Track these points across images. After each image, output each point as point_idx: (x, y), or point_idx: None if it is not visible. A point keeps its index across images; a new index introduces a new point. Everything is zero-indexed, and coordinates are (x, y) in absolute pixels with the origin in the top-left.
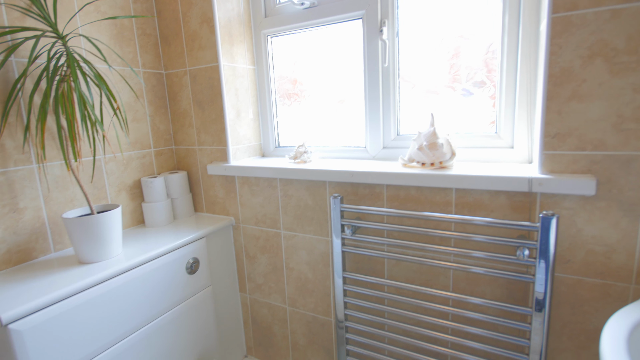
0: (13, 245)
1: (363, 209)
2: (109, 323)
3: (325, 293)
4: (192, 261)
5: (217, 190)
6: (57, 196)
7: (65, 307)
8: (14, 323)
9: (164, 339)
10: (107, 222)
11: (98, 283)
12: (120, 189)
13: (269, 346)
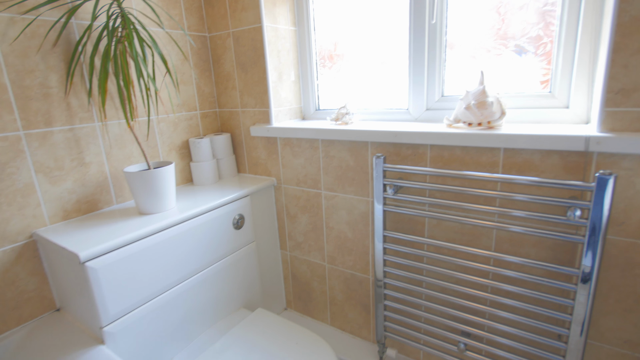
0: (82, 196)
1: (406, 169)
2: (167, 268)
3: (364, 252)
4: (237, 217)
5: (259, 152)
6: (117, 153)
7: (130, 251)
8: (89, 261)
9: (214, 286)
10: (163, 177)
11: (157, 232)
12: (171, 149)
13: (307, 301)
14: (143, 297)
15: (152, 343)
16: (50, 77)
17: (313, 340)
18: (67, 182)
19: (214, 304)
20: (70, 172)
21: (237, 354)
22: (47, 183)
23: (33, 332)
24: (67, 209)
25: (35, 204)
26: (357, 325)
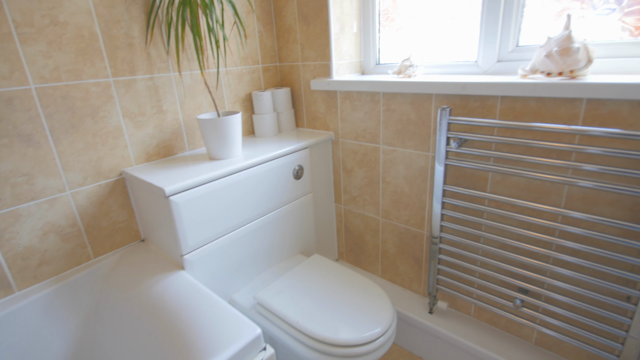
0: (160, 141)
1: (475, 121)
2: (235, 210)
3: (420, 207)
4: (297, 168)
5: (318, 106)
6: (189, 102)
7: (204, 191)
8: (173, 196)
9: (275, 231)
10: (231, 124)
11: (226, 175)
12: (235, 101)
13: (359, 253)
14: (214, 234)
15: (221, 275)
16: (133, 28)
17: (368, 285)
18: (149, 127)
19: (274, 246)
20: (151, 118)
21: (296, 290)
22: (133, 127)
23: (124, 257)
24: (149, 152)
25: (123, 146)
26: (408, 279)
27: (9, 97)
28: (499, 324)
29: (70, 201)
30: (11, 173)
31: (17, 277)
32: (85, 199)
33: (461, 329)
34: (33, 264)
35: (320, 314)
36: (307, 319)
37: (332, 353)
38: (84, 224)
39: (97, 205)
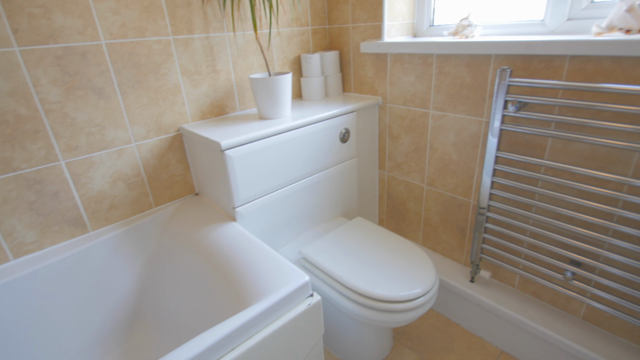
0: (214, 100)
1: (539, 83)
2: (283, 168)
3: (468, 175)
4: (344, 131)
5: (366, 70)
6: (241, 63)
7: (255, 147)
8: (228, 150)
9: (319, 192)
10: (282, 84)
11: (276, 134)
12: (284, 63)
13: (400, 220)
14: (264, 190)
15: (268, 229)
16: None
17: (411, 248)
18: (204, 86)
19: (318, 207)
20: (206, 77)
21: (339, 249)
22: (190, 85)
23: (180, 208)
24: (203, 110)
25: (181, 103)
26: (450, 247)
27: (84, 52)
28: (544, 297)
29: (135, 153)
30: (86, 123)
31: (91, 218)
32: (148, 151)
33: (503, 299)
34: (104, 207)
35: (363, 271)
36: (350, 274)
37: (372, 307)
38: (146, 174)
39: (157, 158)
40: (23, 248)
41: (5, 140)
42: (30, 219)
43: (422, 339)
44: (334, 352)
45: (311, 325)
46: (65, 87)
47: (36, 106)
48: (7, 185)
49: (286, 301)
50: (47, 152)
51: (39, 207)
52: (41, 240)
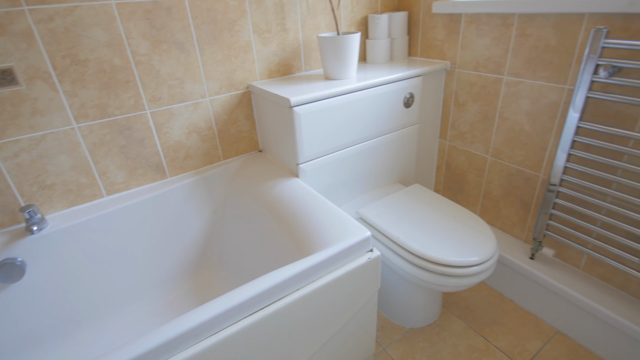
0: (281, 59)
1: None
2: (345, 128)
3: (541, 147)
4: (408, 96)
5: (436, 32)
6: (309, 22)
7: (321, 106)
8: (296, 107)
9: (379, 156)
10: (350, 43)
11: (342, 94)
12: (351, 24)
13: (457, 192)
14: (326, 149)
15: (328, 188)
16: None
17: (471, 217)
18: (273, 44)
19: (376, 171)
20: (276, 35)
21: (397, 212)
22: (260, 43)
23: (245, 163)
24: (271, 69)
25: (251, 61)
26: (510, 223)
27: (169, 6)
28: (613, 281)
29: (209, 107)
30: (168, 76)
31: (169, 166)
32: (220, 106)
33: (566, 279)
34: (180, 156)
35: (420, 234)
36: (407, 236)
37: (427, 268)
38: (217, 128)
39: (227, 113)
40: (114, 187)
41: (102, 88)
42: (120, 161)
43: (471, 309)
44: (383, 311)
45: (369, 278)
46: (153, 41)
47: (128, 57)
48: (103, 129)
49: (347, 253)
50: (135, 101)
51: (128, 151)
52: (128, 181)
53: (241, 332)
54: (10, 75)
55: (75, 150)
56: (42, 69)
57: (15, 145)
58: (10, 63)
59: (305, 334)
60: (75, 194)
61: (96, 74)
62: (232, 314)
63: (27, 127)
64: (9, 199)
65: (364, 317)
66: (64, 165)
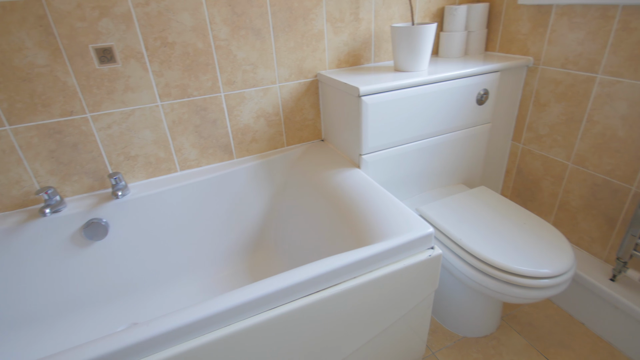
0: (351, 49)
1: None
2: (412, 122)
3: (636, 156)
4: (482, 92)
5: (520, 25)
6: (382, 12)
7: (389, 97)
8: (364, 96)
9: (444, 153)
10: (425, 34)
11: (411, 86)
12: (425, 15)
13: (528, 199)
14: (390, 142)
15: (388, 181)
16: None
17: (544, 226)
18: (344, 34)
19: (439, 169)
20: (348, 25)
21: (460, 213)
22: (332, 32)
23: (307, 150)
24: (340, 59)
25: (322, 49)
26: (589, 238)
27: None
28: None
29: (278, 93)
30: (243, 61)
31: (237, 148)
32: (288, 93)
33: None
34: (247, 139)
35: (485, 238)
36: (470, 238)
37: (491, 274)
38: (283, 115)
39: (294, 100)
40: (187, 163)
41: (185, 69)
42: (194, 139)
43: (535, 327)
44: (435, 315)
45: (427, 277)
46: (233, 27)
47: (210, 42)
48: (182, 108)
49: (408, 247)
50: (212, 84)
51: (202, 131)
52: (199, 159)
53: (294, 312)
54: (110, 54)
55: (157, 126)
56: (136, 49)
57: (109, 117)
58: (111, 42)
59: (354, 325)
60: (154, 167)
61: (181, 56)
62: (289, 292)
63: (120, 102)
64: (100, 166)
65: (417, 317)
66: (147, 139)
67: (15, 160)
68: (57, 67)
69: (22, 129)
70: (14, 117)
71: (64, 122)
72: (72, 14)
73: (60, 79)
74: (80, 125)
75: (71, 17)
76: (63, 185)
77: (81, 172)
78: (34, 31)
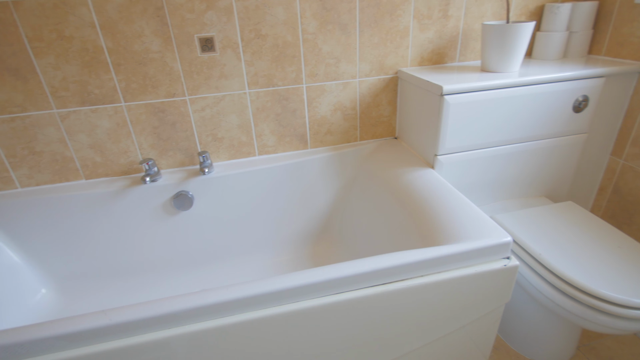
0: (436, 47)
1: None
2: (496, 126)
3: None
4: (581, 99)
5: (636, 27)
6: (474, 10)
7: (474, 98)
8: (447, 95)
9: (529, 162)
10: (520, 34)
11: (501, 87)
12: (522, 13)
13: (624, 222)
14: (469, 144)
15: (463, 186)
16: None
17: None
18: (430, 31)
19: (521, 178)
20: (435, 22)
21: (541, 227)
22: (418, 29)
23: (379, 147)
24: (423, 57)
25: (405, 46)
26: None
27: None
28: None
29: (356, 88)
30: (327, 55)
31: (312, 138)
32: (366, 88)
33: None
34: (322, 131)
35: (569, 257)
36: (552, 256)
37: (575, 297)
38: (360, 109)
39: (372, 96)
40: (265, 149)
41: (273, 60)
42: (274, 127)
43: None
44: (500, 332)
45: (499, 288)
46: (321, 21)
47: (298, 35)
48: (266, 97)
49: (481, 253)
50: (296, 75)
51: (281, 119)
52: (276, 146)
53: (358, 299)
54: (211, 43)
55: (243, 112)
56: (233, 40)
57: (203, 101)
58: (213, 33)
59: (414, 325)
60: (236, 149)
61: (271, 47)
62: (357, 279)
63: (214, 87)
64: (191, 144)
65: (482, 329)
66: (233, 124)
67: (125, 133)
68: (167, 53)
69: (134, 106)
70: (128, 95)
71: (167, 103)
72: (184, 6)
73: (168, 64)
74: (179, 107)
75: (183, 9)
76: (160, 159)
77: (175, 148)
78: (152, 21)
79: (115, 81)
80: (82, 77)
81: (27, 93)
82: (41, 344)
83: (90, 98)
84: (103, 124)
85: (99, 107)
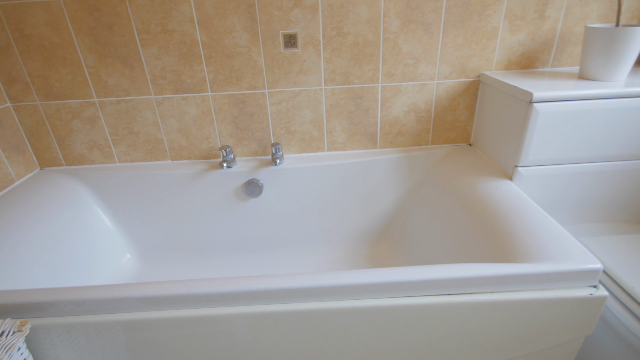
0: (526, 50)
1: None
2: (592, 139)
3: None
4: None
5: None
6: (576, 10)
7: (569, 107)
8: (537, 103)
9: (630, 181)
10: (632, 39)
11: (604, 97)
12: (634, 16)
13: None
14: (556, 158)
15: (544, 201)
16: None
17: None
18: (522, 33)
19: (618, 200)
20: (529, 23)
21: (634, 256)
22: (508, 31)
23: (452, 152)
24: (510, 60)
25: (492, 49)
26: None
27: None
28: None
29: (434, 90)
30: (407, 55)
31: (382, 138)
32: (444, 91)
33: None
34: (393, 131)
35: None
36: None
37: None
38: (434, 113)
39: (449, 99)
40: (334, 145)
41: (351, 58)
42: (345, 124)
43: None
44: None
45: (580, 318)
46: (404, 20)
47: (379, 34)
48: (341, 94)
49: (563, 277)
50: (373, 74)
51: (353, 117)
52: (346, 143)
53: (421, 306)
54: (294, 39)
55: (317, 107)
56: (315, 37)
57: (281, 95)
58: (296, 30)
59: (476, 343)
60: (306, 143)
61: (350, 46)
62: (422, 286)
63: (292, 82)
64: (266, 135)
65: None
66: (306, 118)
67: (209, 121)
68: (253, 48)
69: (219, 96)
70: (215, 86)
71: (247, 95)
72: (273, 3)
73: (252, 58)
74: (258, 99)
75: (272, 6)
76: (236, 147)
77: (251, 138)
78: (243, 17)
79: (205, 72)
80: (178, 67)
81: (132, 79)
82: (125, 303)
83: (183, 87)
84: (191, 111)
85: (189, 95)
